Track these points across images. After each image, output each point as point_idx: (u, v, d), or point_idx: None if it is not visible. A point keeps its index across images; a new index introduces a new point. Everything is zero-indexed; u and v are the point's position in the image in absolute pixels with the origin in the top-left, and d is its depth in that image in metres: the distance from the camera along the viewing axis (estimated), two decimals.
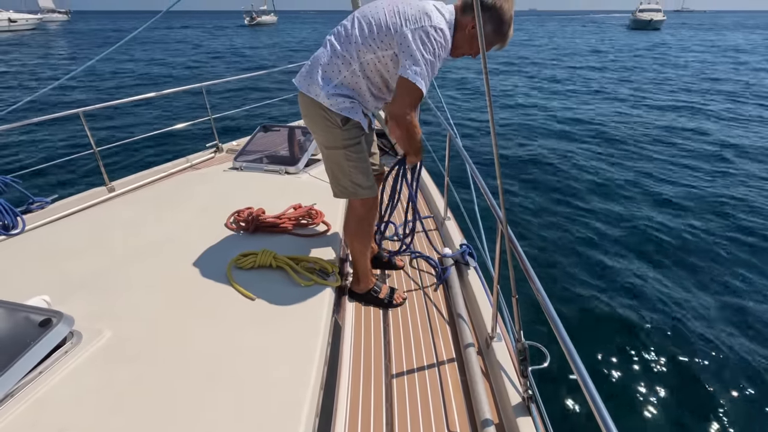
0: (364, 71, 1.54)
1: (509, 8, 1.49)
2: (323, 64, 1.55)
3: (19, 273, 1.78)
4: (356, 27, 1.51)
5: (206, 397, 1.19)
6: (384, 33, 1.46)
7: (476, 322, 1.84)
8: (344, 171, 1.68)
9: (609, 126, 9.45)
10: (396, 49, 1.46)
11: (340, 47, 1.52)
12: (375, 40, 1.48)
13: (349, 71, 1.53)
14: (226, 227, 2.18)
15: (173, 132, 3.92)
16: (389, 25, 1.46)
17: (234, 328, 1.48)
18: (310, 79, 1.57)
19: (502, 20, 1.48)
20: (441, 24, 1.45)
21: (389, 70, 1.54)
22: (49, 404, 1.14)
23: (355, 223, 1.82)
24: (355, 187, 1.70)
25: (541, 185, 6.23)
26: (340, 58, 1.52)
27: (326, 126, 1.59)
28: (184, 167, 3.49)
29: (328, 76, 1.54)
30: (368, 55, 1.50)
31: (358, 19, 1.52)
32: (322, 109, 1.56)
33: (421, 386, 1.56)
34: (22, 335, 1.21)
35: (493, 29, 1.50)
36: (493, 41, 1.54)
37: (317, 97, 1.55)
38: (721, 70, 18.46)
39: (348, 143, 1.62)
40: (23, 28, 43.84)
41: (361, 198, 1.73)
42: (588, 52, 26.88)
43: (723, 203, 5.57)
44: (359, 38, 1.49)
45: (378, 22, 1.47)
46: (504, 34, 1.52)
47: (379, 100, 1.67)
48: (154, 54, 23.42)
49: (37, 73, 16.70)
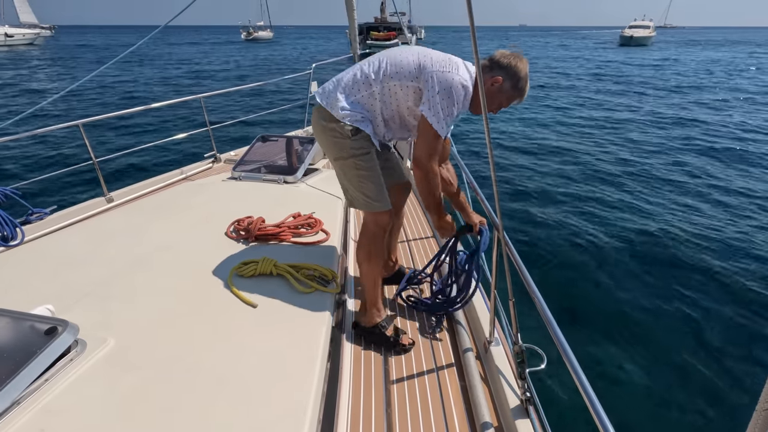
0: (382, 96, 1.60)
1: (524, 66, 1.61)
2: (345, 82, 1.62)
3: (20, 283, 1.79)
4: (386, 61, 1.60)
5: (209, 403, 1.21)
6: (413, 68, 1.55)
7: (474, 327, 1.86)
8: (353, 182, 1.68)
9: (604, 135, 9.60)
10: (421, 85, 1.55)
11: (366, 71, 1.60)
12: (402, 71, 1.56)
13: (368, 92, 1.60)
14: (226, 236, 2.20)
15: (172, 143, 3.96)
16: (419, 63, 1.55)
17: (236, 335, 1.49)
18: (330, 92, 1.64)
19: (518, 77, 1.60)
20: (466, 79, 1.54)
21: (408, 101, 1.60)
22: (55, 412, 1.15)
23: (367, 241, 1.78)
24: (365, 199, 1.68)
25: (536, 192, 6.33)
26: (363, 80, 1.60)
27: (335, 136, 1.62)
28: (182, 177, 3.51)
29: (347, 92, 1.61)
30: (392, 81, 1.57)
31: (387, 54, 1.62)
32: (333, 120, 1.60)
33: (421, 391, 1.57)
34: (28, 343, 1.22)
35: (511, 85, 1.61)
36: (512, 96, 1.64)
37: (331, 108, 1.60)
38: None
39: (356, 153, 1.63)
40: (20, 42, 44.00)
41: (373, 212, 1.71)
42: (581, 68, 27.27)
43: (716, 209, 5.67)
44: (388, 69, 1.58)
45: (408, 60, 1.57)
46: (521, 89, 1.63)
47: (389, 128, 1.71)
48: (151, 68, 23.53)
49: (35, 86, 16.74)
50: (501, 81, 1.59)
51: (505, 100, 1.65)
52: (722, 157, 7.91)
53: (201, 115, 3.84)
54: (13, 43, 42.70)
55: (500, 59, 1.60)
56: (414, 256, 2.55)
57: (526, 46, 49.10)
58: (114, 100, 13.72)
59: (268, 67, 25.25)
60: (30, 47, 42.48)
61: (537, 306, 1.14)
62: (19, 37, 43.98)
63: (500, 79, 1.59)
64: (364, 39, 31.20)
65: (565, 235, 4.99)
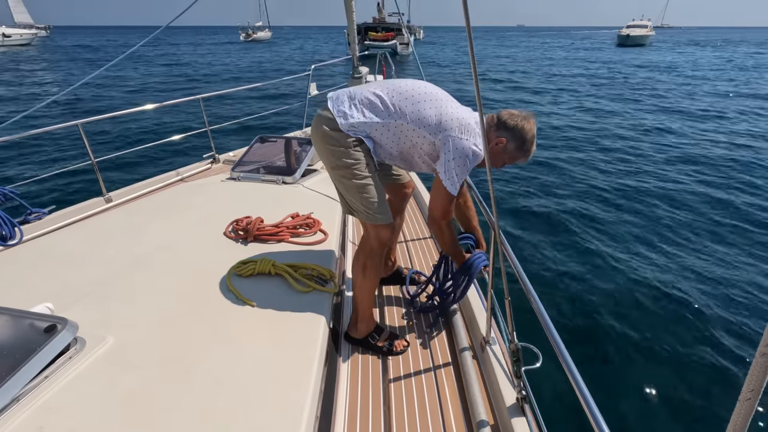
0: (396, 132, 1.59)
1: (531, 128, 1.59)
2: (362, 99, 1.58)
3: (19, 282, 1.79)
4: (411, 99, 1.57)
5: (207, 402, 1.22)
6: (432, 124, 1.55)
7: (471, 327, 1.88)
8: (351, 192, 1.63)
9: (601, 135, 9.64)
10: (437, 143, 1.56)
11: (388, 100, 1.57)
12: (421, 122, 1.56)
13: (383, 122, 1.57)
14: (225, 236, 2.22)
15: (171, 143, 3.96)
16: (439, 121, 1.55)
17: (234, 334, 1.50)
18: (343, 102, 1.59)
19: (524, 139, 1.59)
20: (478, 144, 1.54)
21: (423, 147, 1.60)
22: (54, 409, 1.15)
23: (364, 255, 1.72)
24: (366, 210, 1.63)
25: (533, 192, 6.36)
26: (384, 108, 1.57)
27: (334, 144, 1.58)
28: (181, 178, 3.52)
29: (363, 111, 1.57)
30: (410, 126, 1.57)
31: (412, 93, 1.58)
32: (336, 130, 1.56)
33: (418, 390, 1.58)
34: (28, 341, 1.23)
35: (515, 147, 1.60)
36: (516, 157, 1.64)
37: (339, 119, 1.56)
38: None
39: (354, 163, 1.58)
40: (18, 43, 43.88)
41: (376, 225, 1.65)
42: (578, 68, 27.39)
43: (717, 212, 5.70)
44: (408, 112, 1.56)
45: (429, 113, 1.56)
46: (527, 151, 1.62)
47: (391, 158, 1.68)
48: (150, 69, 23.51)
49: (34, 86, 16.72)
50: (505, 142, 1.59)
51: (509, 159, 1.65)
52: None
53: (200, 116, 3.85)
54: (10, 44, 42.61)
55: (507, 120, 1.58)
56: (412, 256, 2.56)
57: (523, 46, 49.40)
58: (113, 101, 13.71)
59: (268, 67, 25.25)
60: (27, 47, 42.38)
61: (532, 304, 1.16)
62: (17, 37, 43.86)
63: (504, 141, 1.59)
64: (362, 39, 31.20)
65: (564, 234, 5.02)
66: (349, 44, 4.77)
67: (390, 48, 30.38)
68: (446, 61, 28.86)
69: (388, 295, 2.17)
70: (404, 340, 1.83)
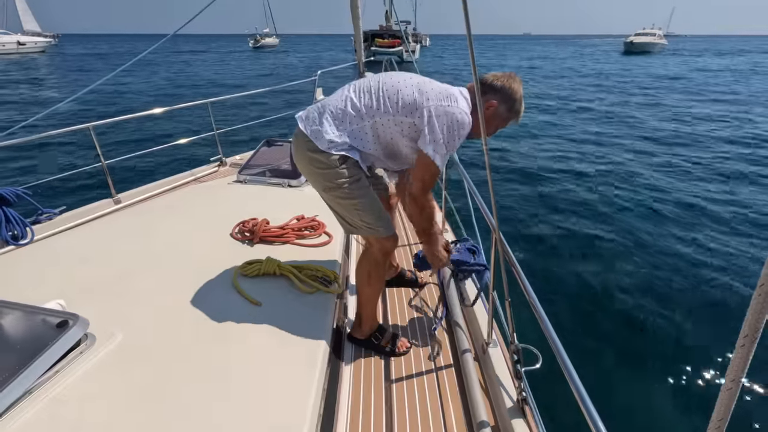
0: (374, 129, 1.52)
1: (518, 87, 1.57)
2: (333, 110, 1.52)
3: (31, 280, 1.84)
4: (381, 91, 1.51)
5: (212, 399, 1.24)
6: (408, 103, 1.48)
7: (473, 328, 1.89)
8: (349, 210, 1.58)
9: (600, 141, 9.64)
10: (416, 120, 1.48)
11: (357, 102, 1.51)
12: (396, 107, 1.48)
13: (359, 126, 1.51)
14: (231, 237, 2.25)
15: (179, 146, 4.02)
16: (414, 98, 1.47)
17: (239, 332, 1.53)
18: (314, 119, 1.54)
19: (514, 99, 1.57)
20: (466, 110, 1.48)
21: (404, 135, 1.52)
22: (65, 402, 1.19)
23: (368, 264, 1.69)
24: (367, 226, 1.59)
25: (533, 196, 6.42)
26: (355, 112, 1.51)
27: (320, 167, 1.52)
28: (189, 180, 3.57)
29: (336, 123, 1.51)
30: (385, 117, 1.50)
31: (382, 84, 1.52)
32: (317, 152, 1.50)
33: (420, 391, 1.60)
34: (40, 336, 1.27)
35: (506, 108, 1.57)
36: (508, 118, 1.61)
37: (316, 139, 1.50)
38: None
39: (346, 181, 1.52)
40: (32, 50, 44.65)
41: (378, 237, 1.61)
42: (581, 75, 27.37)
43: (720, 209, 5.68)
44: (381, 102, 1.49)
45: (404, 93, 1.49)
46: (517, 111, 1.60)
47: (379, 159, 1.62)
48: (159, 75, 23.82)
49: (45, 92, 17.03)
50: (496, 105, 1.55)
51: (501, 123, 1.61)
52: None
53: (208, 120, 3.91)
54: (25, 51, 43.39)
55: (493, 82, 1.55)
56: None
57: (532, 53, 49.47)
58: (123, 105, 13.92)
59: (279, 74, 25.48)
60: (41, 55, 43.11)
61: (531, 306, 1.17)
62: (31, 45, 44.68)
63: (495, 103, 1.55)
64: (368, 46, 31.49)
65: (564, 237, 5.03)
66: (356, 50, 4.85)
67: (396, 54, 30.62)
68: (448, 67, 28.95)
69: (391, 297, 2.19)
70: (407, 341, 1.84)
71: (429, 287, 2.26)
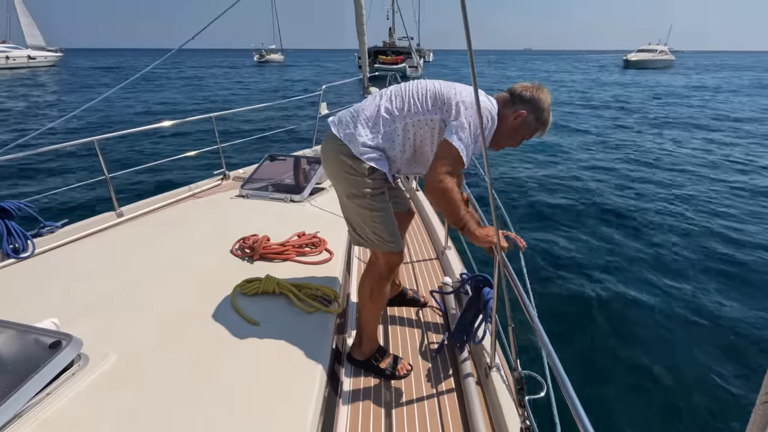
0: (405, 132, 1.54)
1: (546, 98, 1.58)
2: (367, 115, 1.55)
3: (28, 295, 1.82)
4: (411, 92, 1.55)
5: (209, 421, 1.21)
6: (438, 99, 1.52)
7: (476, 352, 1.85)
8: (365, 221, 1.59)
9: (610, 155, 9.63)
10: (445, 116, 1.50)
11: (390, 106, 1.54)
12: (427, 105, 1.52)
13: (391, 128, 1.54)
14: (231, 253, 2.23)
15: (183, 160, 4.04)
16: (444, 94, 1.52)
17: (237, 353, 1.50)
18: (347, 123, 1.56)
19: (542, 109, 1.57)
20: (492, 109, 1.51)
21: (434, 135, 1.54)
22: (55, 426, 1.15)
23: (371, 281, 1.69)
24: (378, 239, 1.60)
25: (539, 215, 6.35)
26: (388, 115, 1.54)
27: (350, 173, 1.54)
28: (191, 194, 3.57)
29: (369, 127, 1.54)
30: (416, 117, 1.53)
31: (412, 86, 1.57)
32: (349, 156, 1.52)
33: (420, 416, 1.55)
34: (32, 357, 1.24)
35: (534, 118, 1.58)
36: (535, 129, 1.61)
37: (350, 143, 1.53)
38: None
39: (371, 192, 1.55)
40: (42, 65, 45.35)
41: (385, 252, 1.62)
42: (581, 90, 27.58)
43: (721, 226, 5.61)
44: (412, 103, 1.53)
45: (434, 91, 1.54)
46: (545, 121, 1.60)
47: (405, 163, 1.63)
48: (164, 90, 24.13)
49: (50, 107, 17.29)
50: (525, 115, 1.55)
51: (528, 134, 1.62)
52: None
53: (212, 134, 3.93)
54: (35, 65, 44.12)
55: (522, 92, 1.57)
56: (417, 278, 2.55)
57: (533, 68, 50.02)
58: (128, 120, 14.09)
59: (284, 90, 25.79)
60: (52, 68, 43.78)
61: (535, 332, 1.14)
62: (41, 59, 45.45)
63: (524, 113, 1.55)
64: (372, 62, 31.96)
65: (571, 259, 4.97)
66: (360, 66, 4.91)
67: (400, 71, 30.97)
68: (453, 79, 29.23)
69: (392, 316, 2.15)
70: (407, 363, 1.80)
71: (431, 307, 2.22)
